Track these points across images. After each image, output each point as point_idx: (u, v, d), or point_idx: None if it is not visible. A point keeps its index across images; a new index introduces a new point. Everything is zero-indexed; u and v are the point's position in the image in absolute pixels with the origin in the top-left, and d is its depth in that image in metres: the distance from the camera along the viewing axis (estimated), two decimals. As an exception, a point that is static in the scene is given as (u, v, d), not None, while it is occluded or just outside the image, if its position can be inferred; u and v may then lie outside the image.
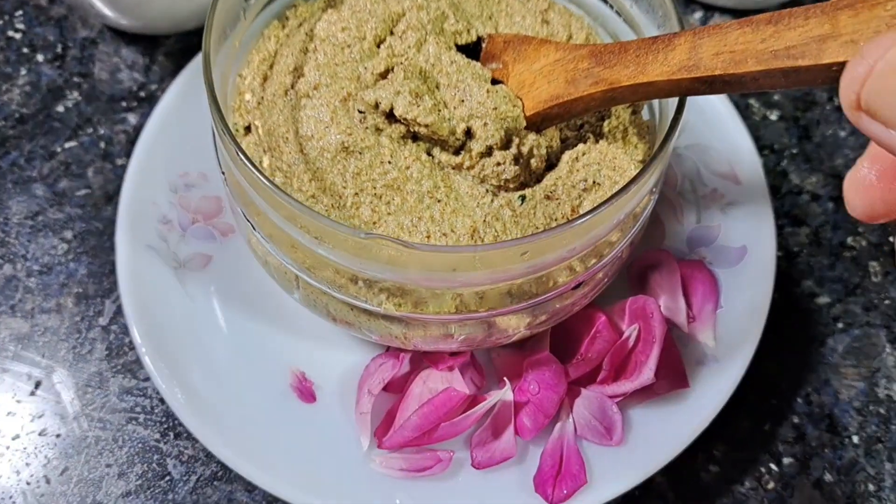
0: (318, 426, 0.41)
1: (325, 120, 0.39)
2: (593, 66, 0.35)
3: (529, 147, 0.38)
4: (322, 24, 0.41)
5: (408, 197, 0.37)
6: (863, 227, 0.49)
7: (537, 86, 0.38)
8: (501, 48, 0.40)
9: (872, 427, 0.44)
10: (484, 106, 0.37)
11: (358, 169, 0.38)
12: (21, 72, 0.53)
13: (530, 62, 0.39)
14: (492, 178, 0.38)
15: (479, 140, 0.37)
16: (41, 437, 0.42)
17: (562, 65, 0.37)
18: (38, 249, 0.47)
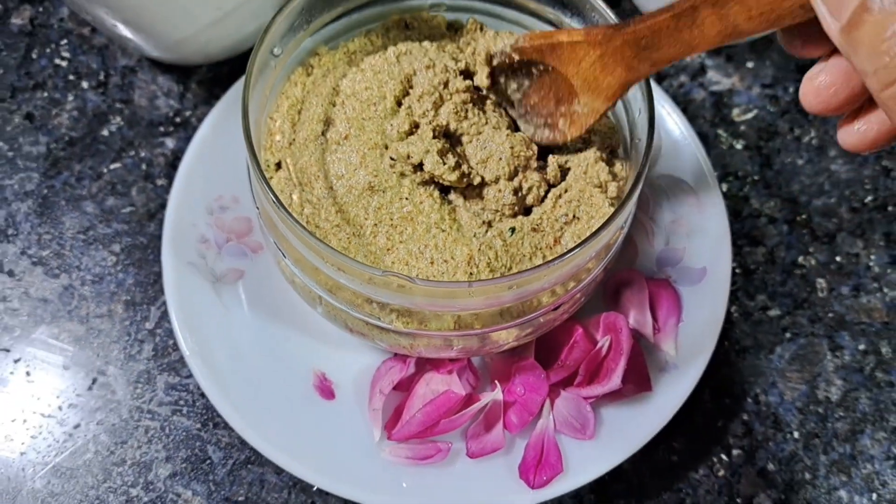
0: (336, 420, 0.48)
1: (355, 163, 0.45)
2: (639, 52, 0.39)
3: (530, 185, 0.45)
4: (347, 82, 0.47)
5: (417, 227, 0.44)
6: (812, 247, 0.56)
7: (600, 80, 0.42)
8: (540, 56, 0.44)
9: (811, 424, 0.51)
10: (502, 147, 0.45)
11: (380, 204, 0.44)
12: (69, 98, 0.59)
13: (576, 62, 0.43)
14: (491, 202, 0.44)
15: (489, 171, 0.44)
16: (99, 426, 0.50)
17: (609, 57, 0.41)
18: (90, 261, 0.54)
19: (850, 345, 0.53)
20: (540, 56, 0.44)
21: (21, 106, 0.58)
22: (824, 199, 0.57)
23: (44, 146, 0.57)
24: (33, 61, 0.60)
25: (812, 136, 0.59)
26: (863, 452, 0.51)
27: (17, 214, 0.55)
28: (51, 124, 0.58)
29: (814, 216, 0.57)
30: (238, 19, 0.54)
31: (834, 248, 0.56)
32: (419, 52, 0.49)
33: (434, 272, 0.43)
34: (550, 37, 0.43)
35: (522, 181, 0.45)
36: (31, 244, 0.54)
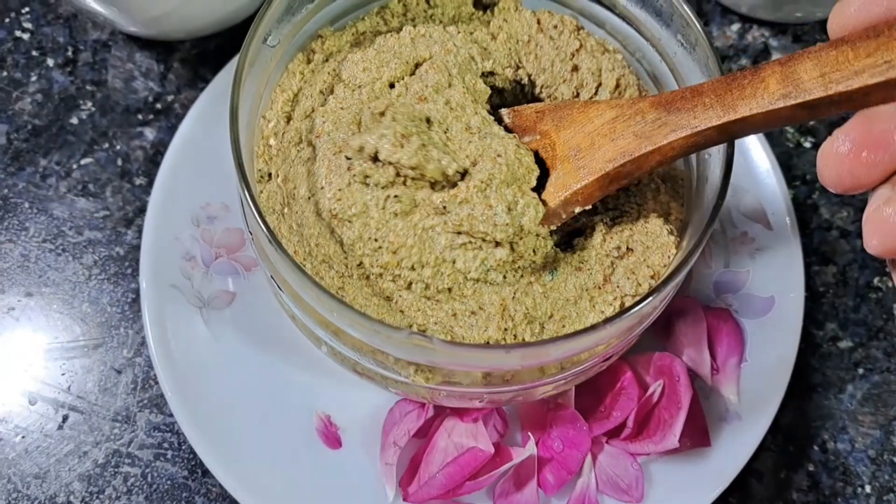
0: (343, 474, 0.42)
1: (322, 177, 0.37)
2: (663, 114, 0.34)
3: (526, 203, 0.36)
4: (347, 64, 0.39)
5: (414, 282, 0.36)
6: (890, 267, 0.49)
7: (598, 146, 0.36)
8: (534, 119, 0.39)
9: (885, 476, 0.45)
10: (491, 149, 0.36)
11: (351, 240, 0.36)
12: (32, 78, 0.51)
13: (579, 125, 0.37)
14: (479, 221, 0.35)
15: (476, 174, 0.35)
16: (70, 472, 0.43)
17: (623, 121, 0.35)
18: (58, 276, 0.47)
19: (932, 382, 0.47)
20: (536, 118, 0.39)
21: (-24, 87, 0.50)
22: (905, 209, 0.50)
23: (3, 136, 0.49)
24: (-11, 33, 0.52)
25: (892, 133, 0.51)
26: (944, 510, 0.45)
27: (-27, 218, 0.48)
28: (11, 110, 0.50)
29: (892, 229, 0.49)
30: (226, -8, 0.45)
31: (914, 268, 0.49)
32: (441, 36, 0.40)
33: (459, 325, 0.36)
34: (567, 102, 0.39)
35: (517, 195, 0.36)
36: (-10, 254, 0.47)
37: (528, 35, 0.43)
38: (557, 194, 0.36)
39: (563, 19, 0.43)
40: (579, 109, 0.37)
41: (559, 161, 0.37)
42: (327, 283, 0.36)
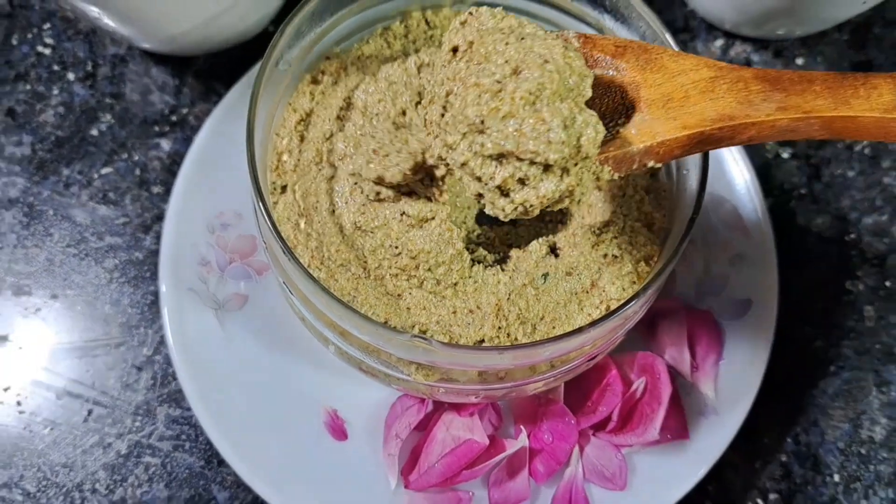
0: (349, 464, 0.45)
1: (346, 195, 0.41)
2: (768, 89, 0.33)
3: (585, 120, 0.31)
4: (359, 93, 0.42)
5: (425, 280, 0.40)
6: (861, 270, 0.52)
7: (694, 102, 0.34)
8: (613, 52, 0.36)
9: (853, 466, 0.48)
10: (534, 52, 0.32)
11: (373, 247, 0.40)
12: (54, 91, 0.54)
13: (669, 73, 0.35)
14: (529, 138, 0.31)
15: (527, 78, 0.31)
16: (96, 462, 0.47)
17: (724, 84, 0.34)
18: (82, 279, 0.50)
19: (898, 379, 0.50)
20: (616, 52, 0.35)
21: (2, 100, 0.53)
22: (875, 217, 0.53)
23: (28, 147, 0.52)
24: (14, 48, 0.55)
25: (865, 144, 0.55)
26: (907, 498, 0.48)
27: (0, 225, 0.51)
28: (35, 122, 0.53)
29: (864, 235, 0.53)
30: (239, 12, 0.49)
31: (884, 272, 0.52)
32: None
33: (458, 323, 0.39)
34: (655, 46, 0.36)
35: (574, 110, 0.31)
36: (18, 259, 0.50)
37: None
38: (642, 139, 0.34)
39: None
40: (671, 57, 0.35)
41: (645, 104, 0.35)
42: (342, 285, 0.39)
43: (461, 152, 0.33)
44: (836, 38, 0.57)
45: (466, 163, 0.32)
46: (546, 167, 0.31)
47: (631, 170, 0.34)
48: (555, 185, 0.31)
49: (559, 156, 0.31)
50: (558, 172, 0.32)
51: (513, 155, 0.31)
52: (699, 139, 0.33)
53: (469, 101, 0.32)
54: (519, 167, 0.31)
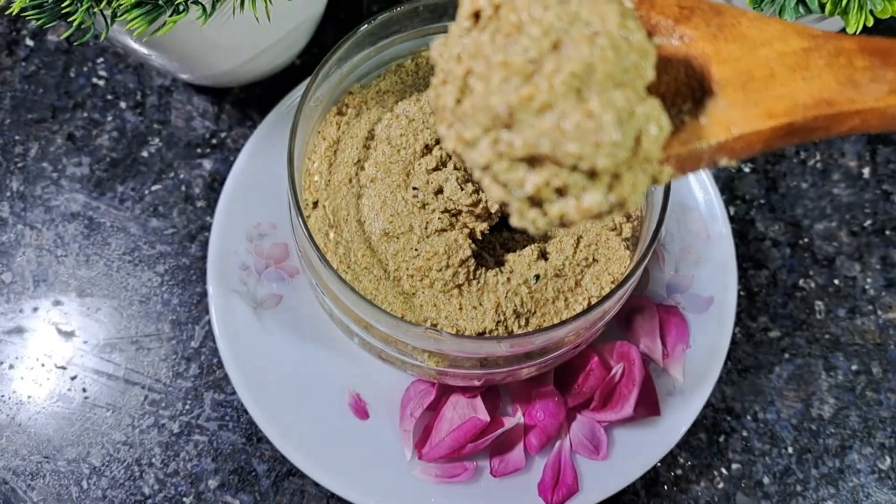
0: (370, 439, 0.53)
1: (376, 208, 0.49)
2: (880, 66, 0.26)
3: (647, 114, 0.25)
4: (381, 127, 0.50)
5: (436, 280, 0.48)
6: (812, 270, 0.60)
7: (782, 82, 0.27)
8: (676, 14, 0.28)
9: (805, 440, 0.56)
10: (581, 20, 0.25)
11: (395, 251, 0.48)
12: (108, 118, 0.61)
13: (750, 44, 0.27)
14: (571, 138, 0.24)
15: (564, 64, 0.24)
16: (153, 440, 0.54)
17: (821, 57, 0.26)
18: (136, 282, 0.58)
19: (844, 365, 0.58)
20: (680, 15, 0.28)
21: (63, 126, 0.61)
22: (826, 223, 0.61)
23: (87, 167, 0.60)
24: (72, 80, 0.62)
25: (817, 159, 0.62)
26: (850, 467, 0.56)
27: (65, 235, 0.59)
28: (92, 145, 0.61)
29: (815, 240, 0.60)
30: (272, 53, 0.56)
31: (833, 272, 0.60)
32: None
33: (463, 318, 0.47)
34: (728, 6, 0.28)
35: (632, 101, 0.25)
36: (80, 265, 0.58)
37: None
38: (715, 132, 0.27)
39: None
40: (751, 21, 0.28)
41: (718, 85, 0.27)
42: (365, 286, 0.47)
43: (482, 152, 0.26)
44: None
45: (489, 165, 0.26)
46: (592, 173, 0.25)
47: (697, 169, 0.28)
48: (602, 195, 0.25)
49: (611, 161, 0.24)
50: (607, 180, 0.25)
51: (550, 158, 0.25)
52: (788, 131, 0.26)
53: (494, 87, 0.25)
54: (557, 173, 0.25)
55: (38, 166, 0.60)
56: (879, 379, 0.57)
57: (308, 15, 0.56)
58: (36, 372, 0.56)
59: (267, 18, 0.47)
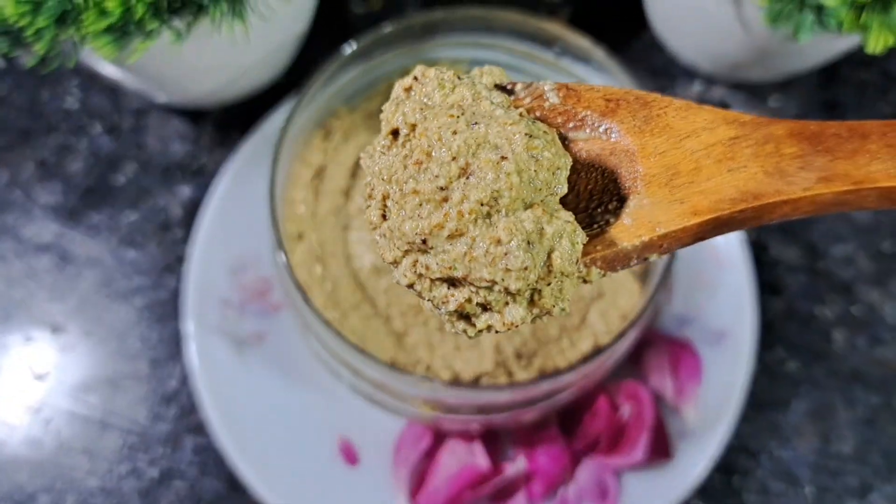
0: (361, 486, 0.49)
1: (365, 242, 0.45)
2: (809, 153, 0.26)
3: (556, 232, 0.26)
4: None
5: (430, 317, 0.44)
6: (829, 297, 0.56)
7: (708, 175, 0.26)
8: (602, 108, 0.29)
9: (824, 478, 0.53)
10: (489, 143, 0.26)
11: (386, 287, 0.45)
12: (82, 142, 0.58)
13: (675, 136, 0.27)
14: (481, 265, 0.26)
15: (471, 190, 0.25)
16: (132, 486, 0.51)
17: (747, 146, 0.26)
18: (113, 317, 0.54)
19: (864, 398, 0.54)
20: (606, 108, 0.28)
21: (34, 151, 0.58)
22: (843, 246, 0.58)
23: (60, 195, 0.57)
24: (44, 103, 0.59)
25: (834, 179, 0.59)
26: (873, 507, 0.52)
27: (37, 266, 0.55)
28: (65, 172, 0.57)
29: (832, 264, 0.57)
30: (255, 73, 0.53)
31: (851, 298, 0.56)
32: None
33: (461, 358, 0.44)
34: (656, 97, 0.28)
35: (542, 219, 0.27)
36: (54, 299, 0.54)
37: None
38: (638, 232, 0.27)
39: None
40: (677, 111, 0.28)
41: (643, 182, 0.27)
42: (354, 324, 0.44)
43: (404, 273, 0.27)
44: (808, 81, 0.61)
45: (412, 284, 0.27)
46: (509, 294, 0.26)
47: (627, 266, 0.28)
48: (524, 310, 0.26)
49: (523, 284, 0.25)
50: (526, 295, 0.26)
51: (465, 281, 0.26)
52: (715, 225, 0.26)
53: (407, 214, 0.26)
54: (477, 292, 0.26)
55: (9, 194, 0.57)
56: (902, 413, 0.54)
57: (291, 33, 0.52)
58: (6, 414, 0.52)
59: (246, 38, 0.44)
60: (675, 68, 0.62)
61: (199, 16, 0.40)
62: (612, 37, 0.60)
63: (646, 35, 0.62)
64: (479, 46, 0.51)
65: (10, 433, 0.52)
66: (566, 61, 0.50)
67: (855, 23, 0.43)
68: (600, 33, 0.50)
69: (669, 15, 0.57)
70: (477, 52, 0.51)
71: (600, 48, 0.46)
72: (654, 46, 0.62)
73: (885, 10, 0.43)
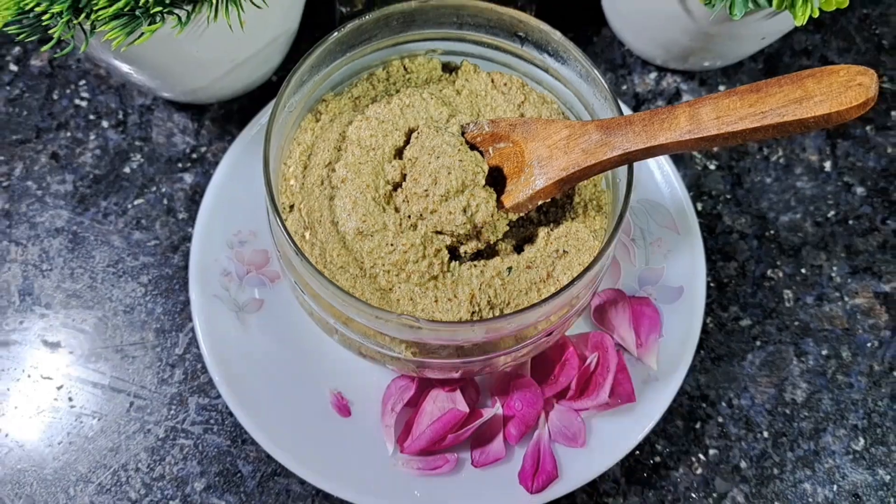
0: (353, 435, 0.54)
1: (348, 208, 0.50)
2: (604, 136, 0.45)
3: (478, 202, 0.48)
4: (353, 129, 0.52)
5: (412, 273, 0.49)
6: (780, 260, 0.62)
7: (555, 157, 0.47)
8: (508, 130, 0.50)
9: (779, 424, 0.57)
10: (444, 167, 0.48)
11: (370, 248, 0.49)
12: (91, 137, 0.63)
13: (542, 139, 0.48)
14: (446, 224, 0.48)
15: (440, 185, 0.48)
16: (138, 445, 0.55)
17: (574, 139, 0.47)
18: (120, 293, 0.59)
19: (814, 350, 0.59)
20: (509, 131, 0.50)
21: (46, 146, 0.63)
22: (790, 215, 0.63)
23: (70, 184, 0.62)
24: (55, 102, 0.64)
25: (780, 154, 0.65)
26: (825, 448, 0.57)
27: (49, 250, 0.60)
28: (75, 163, 0.62)
29: (781, 231, 0.62)
30: (249, 67, 0.58)
31: (799, 261, 0.62)
32: (421, 106, 0.53)
33: (439, 310, 0.48)
34: (534, 119, 0.49)
35: (470, 199, 0.48)
36: (65, 278, 0.59)
37: (484, 90, 0.56)
38: (525, 191, 0.48)
39: (511, 79, 0.56)
40: (542, 125, 0.49)
41: (527, 165, 0.49)
42: (342, 283, 0.48)
43: (423, 225, 0.49)
44: (752, 67, 0.67)
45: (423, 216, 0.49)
46: (465, 235, 0.49)
47: (528, 210, 0.49)
48: (474, 244, 0.49)
49: (464, 231, 0.48)
50: (472, 235, 0.49)
51: (444, 232, 0.48)
52: (562, 182, 0.47)
53: (415, 202, 0.49)
54: (452, 234, 0.48)
55: (23, 185, 0.62)
56: (849, 363, 0.59)
57: (283, 30, 0.58)
58: (22, 383, 0.56)
59: (241, 28, 0.49)
60: (632, 60, 0.68)
61: (199, 3, 0.45)
62: (574, 35, 0.66)
63: (606, 32, 0.68)
64: (450, 39, 0.57)
65: (24, 400, 0.56)
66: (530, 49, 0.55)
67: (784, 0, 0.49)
68: (563, 31, 0.56)
69: (623, 12, 0.63)
70: (449, 45, 0.57)
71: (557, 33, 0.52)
72: (613, 42, 0.68)
73: (804, -11, 0.48)
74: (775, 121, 0.39)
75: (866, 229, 0.63)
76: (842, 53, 0.68)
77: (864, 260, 0.62)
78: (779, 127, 0.40)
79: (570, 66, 0.53)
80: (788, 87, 0.40)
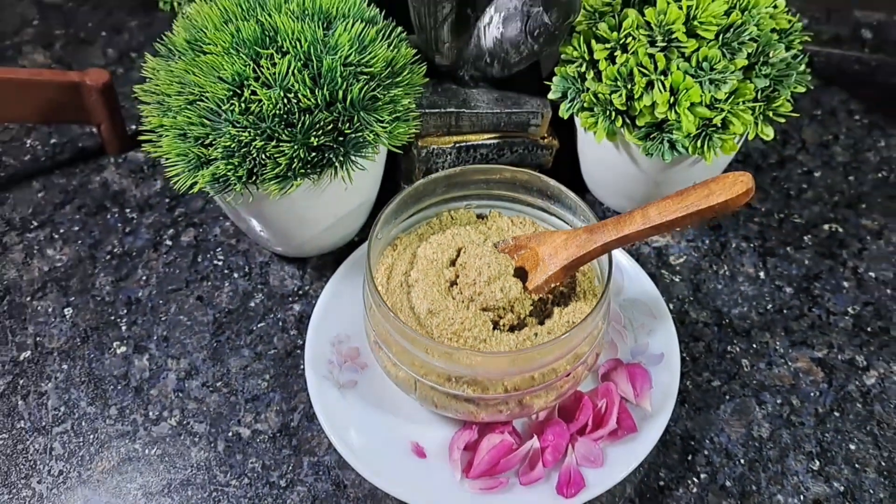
0: (428, 471, 0.72)
1: (421, 296, 0.73)
2: (590, 235, 0.66)
3: (510, 285, 0.70)
4: (420, 250, 0.76)
5: (467, 338, 0.71)
6: (735, 340, 0.83)
7: (559, 253, 0.69)
8: (525, 241, 0.73)
9: (752, 453, 0.75)
10: (490, 258, 0.72)
11: (437, 323, 0.71)
12: (226, 284, 0.88)
13: (549, 243, 0.70)
14: (490, 300, 0.70)
15: (483, 274, 0.70)
16: (264, 485, 0.73)
17: (570, 240, 0.68)
18: (250, 387, 0.80)
19: (771, 400, 0.78)
20: (526, 241, 0.72)
21: (193, 291, 0.87)
22: (739, 309, 0.85)
23: (211, 316, 0.85)
24: (199, 263, 0.90)
25: (725, 270, 0.88)
26: (789, 469, 0.74)
27: (196, 361, 0.82)
28: (214, 301, 0.86)
29: (734, 320, 0.84)
30: (344, 223, 0.84)
31: (750, 339, 0.83)
32: (465, 234, 0.78)
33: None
34: (541, 233, 0.73)
35: (504, 282, 0.70)
36: (209, 380, 0.80)
37: (507, 227, 0.81)
38: (541, 277, 0.69)
39: (524, 219, 0.81)
40: (548, 234, 0.70)
41: (540, 261, 0.71)
42: (417, 346, 0.70)
43: (474, 305, 0.71)
44: (699, 214, 0.93)
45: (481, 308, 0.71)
46: (503, 309, 0.70)
47: (545, 291, 0.71)
48: (511, 317, 0.71)
49: (502, 304, 0.69)
50: (509, 308, 0.70)
51: (488, 308, 0.70)
52: (566, 269, 0.69)
53: (467, 289, 0.71)
54: (494, 309, 0.70)
55: (176, 318, 0.85)
56: (799, 408, 0.78)
57: (367, 197, 0.84)
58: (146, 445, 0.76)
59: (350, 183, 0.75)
60: (610, 214, 0.93)
61: (326, 168, 0.72)
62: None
63: (589, 197, 0.95)
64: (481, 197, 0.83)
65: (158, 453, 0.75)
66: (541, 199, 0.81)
67: (695, 148, 0.76)
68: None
69: (597, 177, 0.91)
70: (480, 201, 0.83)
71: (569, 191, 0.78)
72: (595, 203, 0.94)
73: (709, 141, 0.75)
74: (694, 209, 0.64)
75: (797, 315, 0.85)
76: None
77: (799, 336, 0.83)
78: (696, 214, 0.64)
79: (570, 209, 0.78)
80: (700, 189, 0.65)
